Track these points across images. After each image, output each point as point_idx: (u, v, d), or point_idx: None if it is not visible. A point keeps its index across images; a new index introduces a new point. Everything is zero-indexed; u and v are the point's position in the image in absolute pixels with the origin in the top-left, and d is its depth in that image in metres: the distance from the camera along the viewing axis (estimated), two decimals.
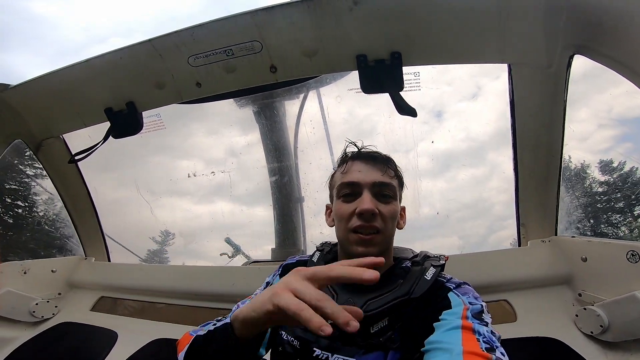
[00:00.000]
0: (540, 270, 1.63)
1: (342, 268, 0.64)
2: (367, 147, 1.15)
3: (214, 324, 0.98)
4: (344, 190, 1.05)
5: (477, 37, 1.38)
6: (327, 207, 1.19)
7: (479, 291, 0.94)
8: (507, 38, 1.36)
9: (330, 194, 1.16)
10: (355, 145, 1.14)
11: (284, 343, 1.01)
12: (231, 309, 1.80)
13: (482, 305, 0.87)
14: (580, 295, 1.49)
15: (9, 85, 1.83)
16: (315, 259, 1.15)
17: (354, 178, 1.04)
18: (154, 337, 1.86)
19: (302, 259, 1.23)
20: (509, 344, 0.75)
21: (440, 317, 0.84)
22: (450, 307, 0.86)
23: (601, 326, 1.34)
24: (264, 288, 1.20)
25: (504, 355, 0.73)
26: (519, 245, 1.80)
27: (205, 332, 0.89)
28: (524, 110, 1.59)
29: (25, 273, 2.15)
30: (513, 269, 1.65)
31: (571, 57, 1.35)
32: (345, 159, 1.13)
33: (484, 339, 0.75)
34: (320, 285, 0.65)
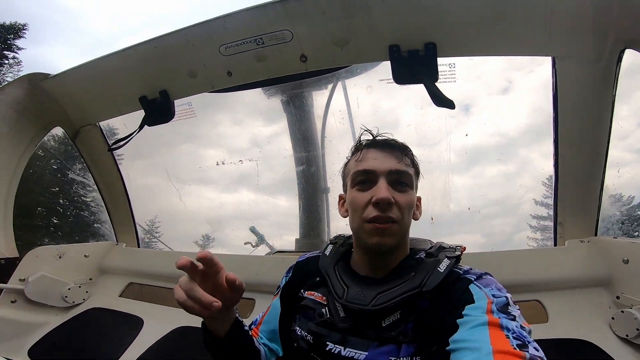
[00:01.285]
0: (576, 270, 1.56)
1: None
2: (383, 134, 1.09)
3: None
4: (359, 178, 1.00)
5: (519, 28, 1.33)
6: (340, 197, 1.14)
7: (510, 290, 0.90)
8: (552, 30, 1.30)
9: (344, 183, 1.12)
10: (370, 133, 1.09)
11: (298, 339, 1.00)
12: (254, 299, 1.85)
13: (507, 297, 0.82)
14: (618, 297, 1.43)
15: (49, 74, 1.91)
16: (328, 252, 1.12)
17: (369, 166, 0.99)
18: (178, 325, 1.88)
19: (312, 256, 1.20)
20: (539, 345, 0.71)
21: (463, 313, 0.80)
22: (472, 301, 0.82)
23: (637, 329, 1.29)
24: (276, 292, 1.22)
25: (537, 350, 0.69)
26: (555, 245, 1.73)
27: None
28: (568, 105, 1.52)
29: (60, 257, 2.21)
30: (548, 268, 1.59)
31: (622, 52, 1.29)
32: (360, 147, 1.08)
33: (514, 335, 0.71)
34: None
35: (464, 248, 0.98)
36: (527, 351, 0.67)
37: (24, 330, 1.96)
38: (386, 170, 0.97)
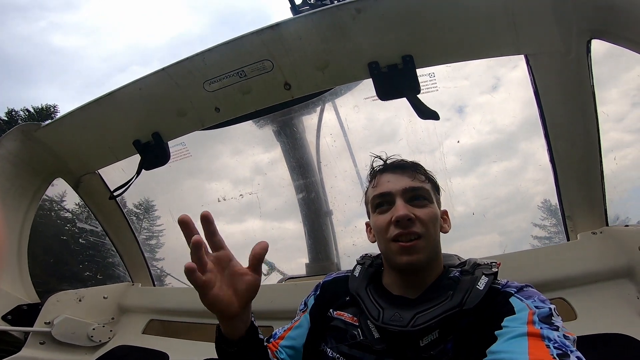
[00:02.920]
0: (595, 264, 1.52)
1: None
2: (392, 157, 1.14)
3: None
4: (377, 202, 1.05)
5: (488, 31, 1.36)
6: (367, 225, 1.17)
7: None
8: (518, 29, 1.34)
9: (367, 211, 1.16)
10: (380, 158, 1.14)
11: None
12: (271, 326, 1.84)
13: (550, 309, 0.81)
14: None
15: (41, 124, 1.93)
16: (357, 273, 1.13)
17: (384, 188, 1.03)
18: (203, 357, 1.89)
19: (339, 276, 1.21)
20: None
21: (502, 324, 0.80)
22: (513, 313, 0.81)
23: None
24: (303, 308, 1.21)
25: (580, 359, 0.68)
26: (567, 240, 1.69)
27: None
28: (550, 99, 1.52)
29: (80, 301, 2.25)
30: (565, 265, 1.55)
31: (589, 42, 1.31)
32: (374, 174, 1.13)
33: (555, 345, 0.70)
34: None
35: (499, 264, 0.98)
36: None
37: None
38: (401, 189, 1.01)
